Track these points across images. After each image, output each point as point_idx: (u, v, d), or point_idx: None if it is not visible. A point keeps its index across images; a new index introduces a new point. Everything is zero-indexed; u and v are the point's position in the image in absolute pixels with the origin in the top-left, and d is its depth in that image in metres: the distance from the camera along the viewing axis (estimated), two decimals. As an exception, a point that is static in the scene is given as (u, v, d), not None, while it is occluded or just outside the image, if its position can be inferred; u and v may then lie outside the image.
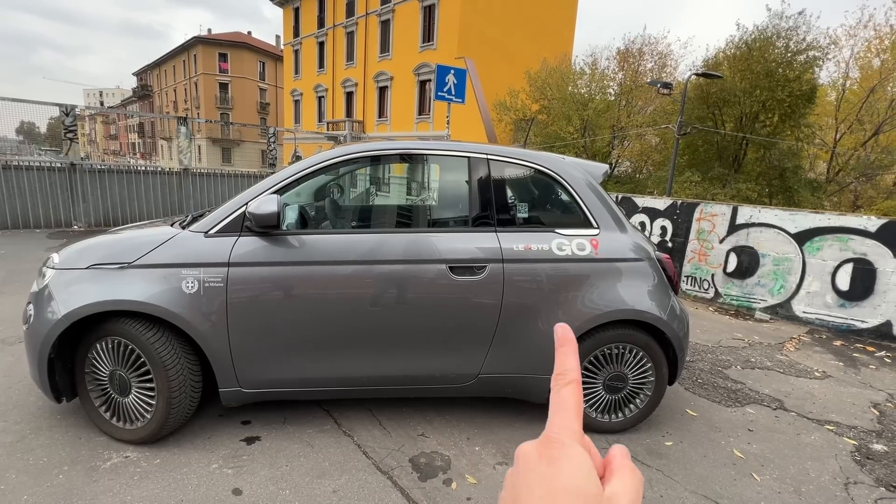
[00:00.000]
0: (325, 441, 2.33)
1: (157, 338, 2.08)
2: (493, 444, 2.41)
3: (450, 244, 2.30)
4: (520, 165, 2.48)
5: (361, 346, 2.28)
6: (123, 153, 58.56)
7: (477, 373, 2.40)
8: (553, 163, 2.49)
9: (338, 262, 2.21)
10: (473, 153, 2.43)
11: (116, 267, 2.11)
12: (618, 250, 2.45)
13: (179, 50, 41.59)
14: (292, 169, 2.29)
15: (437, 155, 2.48)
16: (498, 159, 2.44)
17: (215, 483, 1.97)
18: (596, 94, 18.55)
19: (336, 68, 27.30)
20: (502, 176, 2.45)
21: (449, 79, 8.18)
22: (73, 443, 2.17)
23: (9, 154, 11.55)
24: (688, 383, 3.29)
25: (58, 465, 2.02)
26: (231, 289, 2.12)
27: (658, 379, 2.52)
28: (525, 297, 2.34)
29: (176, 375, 2.10)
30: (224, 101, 39.89)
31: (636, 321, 2.44)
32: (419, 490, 2.03)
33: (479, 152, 2.43)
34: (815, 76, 16.58)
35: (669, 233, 5.93)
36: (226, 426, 2.39)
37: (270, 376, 2.25)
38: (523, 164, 2.48)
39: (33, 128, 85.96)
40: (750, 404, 3.04)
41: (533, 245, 2.36)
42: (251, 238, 2.18)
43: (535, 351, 2.39)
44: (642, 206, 6.20)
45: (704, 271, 5.64)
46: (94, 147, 71.74)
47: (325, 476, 2.07)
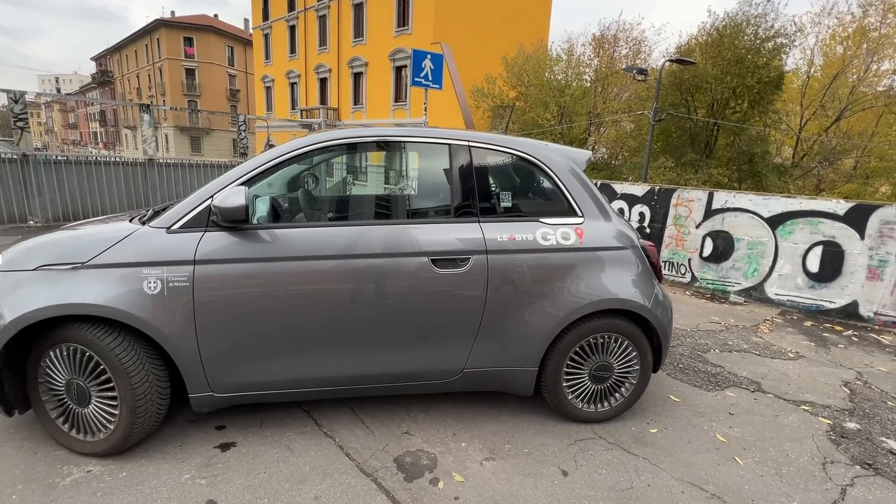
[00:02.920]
0: (305, 444, 2.23)
1: (117, 343, 1.93)
2: (479, 439, 2.36)
3: (431, 236, 2.21)
4: (502, 152, 2.40)
5: (341, 344, 2.17)
6: (84, 143, 55.65)
7: (462, 368, 2.34)
8: (536, 150, 2.41)
9: (313, 256, 2.09)
10: (454, 140, 2.32)
11: (68, 267, 1.93)
12: (602, 239, 2.40)
13: (141, 34, 39.51)
14: (261, 158, 2.14)
15: (415, 142, 2.37)
16: (479, 146, 2.35)
17: (188, 495, 1.85)
18: (572, 80, 18.58)
19: (308, 53, 26.46)
20: (484, 164, 2.36)
21: (426, 64, 7.98)
22: (28, 459, 2.01)
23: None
24: (669, 369, 3.32)
25: (11, 485, 1.86)
26: (198, 288, 1.98)
27: (643, 367, 2.52)
28: (510, 289, 2.28)
29: (140, 382, 1.95)
30: (191, 88, 38.27)
31: (621, 310, 2.41)
32: (405, 491, 1.96)
33: (459, 139, 2.33)
34: (783, 63, 17.01)
35: (647, 219, 5.98)
36: (198, 432, 2.27)
37: (245, 379, 2.13)
38: (506, 151, 2.39)
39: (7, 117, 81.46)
40: (730, 387, 3.09)
41: (517, 235, 2.29)
42: (219, 233, 2.03)
43: (520, 343, 2.34)
44: (621, 192, 6.23)
45: (681, 256, 5.73)
46: (52, 137, 67.98)
47: (305, 482, 1.98)
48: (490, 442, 2.34)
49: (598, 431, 2.48)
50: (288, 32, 27.47)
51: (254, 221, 2.18)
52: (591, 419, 2.54)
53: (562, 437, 2.41)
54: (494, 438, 2.37)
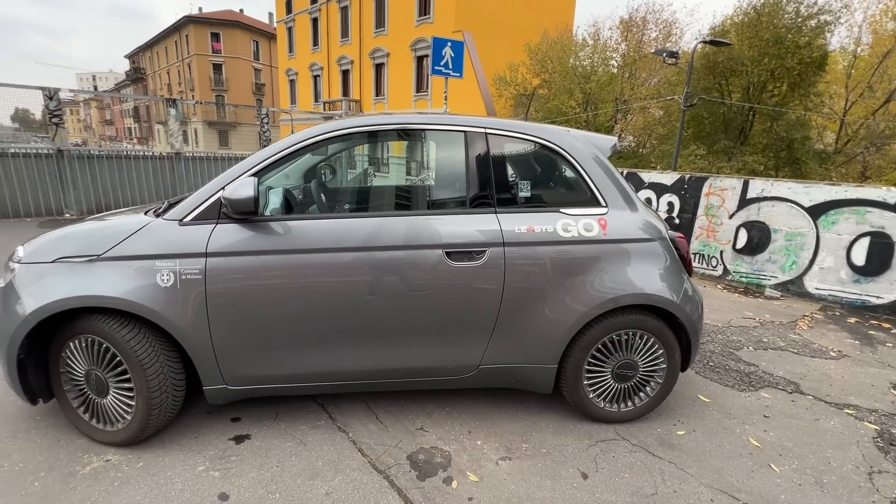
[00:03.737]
0: (318, 438, 2.21)
1: (132, 335, 1.94)
2: (495, 437, 2.29)
3: (445, 228, 2.12)
4: (521, 140, 2.28)
5: (354, 338, 2.13)
6: (120, 138, 57.85)
7: (478, 363, 2.26)
8: (557, 136, 2.29)
9: (325, 249, 2.04)
10: (470, 127, 2.22)
11: (84, 260, 1.95)
12: (628, 230, 2.27)
13: (171, 30, 40.52)
14: (273, 149, 2.09)
15: (430, 129, 2.28)
16: (497, 133, 2.24)
17: (201, 487, 1.86)
18: (598, 66, 17.99)
19: (331, 45, 26.55)
20: (502, 151, 2.25)
21: (446, 52, 7.83)
22: (51, 446, 2.06)
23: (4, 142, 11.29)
24: (699, 367, 3.16)
25: (34, 472, 1.90)
26: (210, 281, 1.96)
27: (670, 366, 2.38)
28: (528, 283, 2.18)
29: (155, 375, 1.96)
30: (219, 83, 39.10)
31: (647, 306, 2.28)
32: (417, 490, 1.91)
33: (476, 126, 2.23)
34: (826, 42, 15.99)
35: (677, 209, 5.72)
36: (214, 424, 2.27)
37: (258, 372, 2.11)
38: (524, 139, 2.28)
39: (28, 114, 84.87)
40: (764, 388, 2.90)
41: (536, 226, 2.17)
42: (230, 225, 2.00)
43: (538, 339, 2.24)
44: (648, 181, 5.97)
45: (713, 248, 5.46)
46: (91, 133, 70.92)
47: (317, 477, 1.95)
48: (507, 441, 2.27)
49: (621, 432, 2.37)
50: (311, 25, 27.61)
51: (266, 213, 2.15)
52: (613, 419, 2.43)
53: (582, 437, 2.31)
54: (511, 437, 2.29)
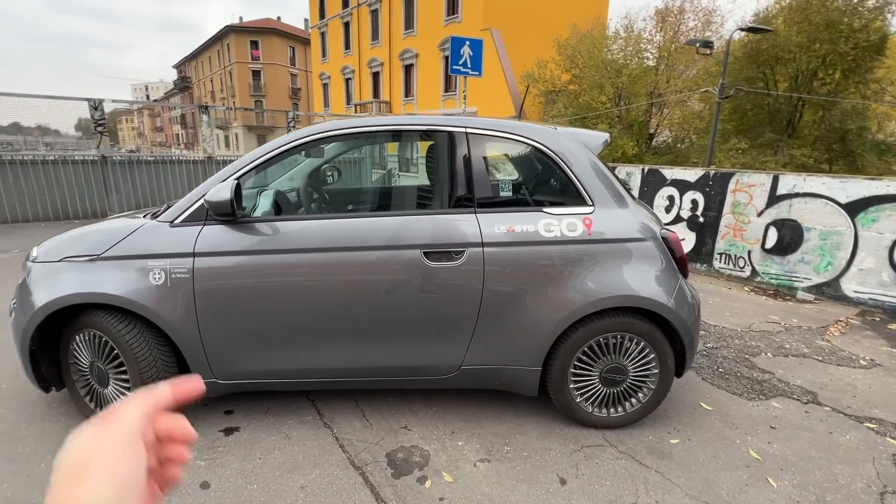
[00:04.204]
0: (303, 433, 2.27)
1: (127, 330, 2.06)
2: (478, 438, 2.27)
3: (424, 228, 2.13)
4: (503, 139, 2.25)
5: (334, 336, 2.17)
6: (169, 144, 61.41)
7: (459, 364, 2.25)
8: (540, 134, 2.24)
9: (305, 249, 2.10)
10: (451, 127, 2.22)
11: (86, 259, 2.09)
12: (615, 229, 2.19)
13: (213, 40, 42.59)
14: (255, 153, 2.17)
15: (411, 131, 2.29)
16: (478, 133, 2.22)
17: (186, 476, 1.95)
18: (631, 59, 17.38)
19: (362, 49, 27.07)
20: (483, 151, 2.23)
21: (464, 51, 7.81)
22: (61, 432, 2.22)
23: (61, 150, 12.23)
24: (706, 373, 3.00)
25: (42, 455, 2.07)
26: (197, 279, 2.06)
27: (663, 371, 2.28)
28: (508, 284, 2.15)
29: (147, 368, 2.08)
30: (257, 89, 40.71)
31: (636, 308, 2.19)
32: (390, 488, 1.93)
33: (456, 126, 2.22)
34: (887, 24, 14.72)
35: (701, 206, 5.45)
36: (208, 416, 2.39)
37: (245, 367, 2.20)
38: (507, 138, 2.24)
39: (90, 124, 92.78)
40: (777, 397, 2.73)
41: (517, 227, 2.14)
42: (216, 227, 2.10)
43: (520, 341, 2.21)
44: (671, 178, 5.72)
45: (740, 248, 5.16)
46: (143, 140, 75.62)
47: (296, 470, 2.01)
48: (489, 442, 2.25)
49: (609, 438, 2.29)
50: (342, 29, 28.26)
51: (257, 214, 2.23)
52: (602, 424, 2.36)
53: (567, 442, 2.26)
54: (494, 439, 2.27)
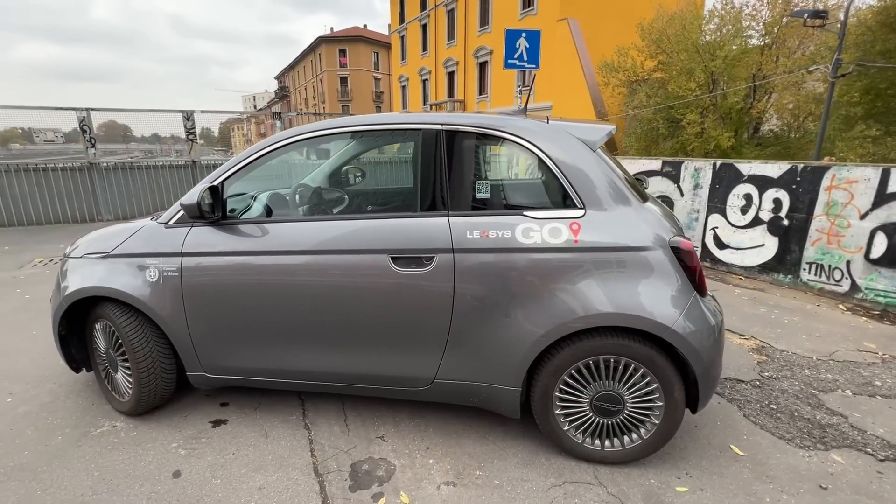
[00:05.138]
0: (281, 432, 2.30)
1: (128, 322, 2.25)
2: (451, 458, 2.12)
3: (392, 232, 2.02)
4: (482, 135, 2.05)
5: (305, 339, 2.16)
6: (271, 148, 67.88)
7: (432, 377, 2.11)
8: (524, 129, 2.01)
9: (276, 251, 2.11)
10: (426, 124, 2.07)
11: (99, 256, 2.32)
12: (609, 236, 1.89)
13: (308, 51, 46.22)
14: (235, 160, 2.23)
15: (384, 130, 2.19)
16: (455, 129, 2.05)
17: (164, 462, 2.07)
18: (728, 39, 15.40)
19: (438, 49, 27.47)
20: (460, 149, 2.06)
21: (520, 44, 7.48)
22: (85, 409, 2.50)
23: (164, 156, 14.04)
24: (752, 408, 2.51)
25: (62, 428, 2.33)
26: (184, 277, 2.17)
27: (668, 404, 1.93)
28: (481, 294, 1.96)
29: (143, 358, 2.25)
30: (345, 94, 43.38)
31: (633, 329, 1.87)
32: (343, 500, 1.86)
33: (432, 123, 2.07)
34: None
35: (785, 207, 4.61)
36: (203, 406, 2.52)
37: (228, 363, 2.28)
38: (486, 134, 2.04)
39: (210, 133, 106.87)
40: (841, 448, 2.18)
41: (491, 232, 1.94)
42: (203, 228, 2.19)
43: (495, 357, 2.01)
44: (748, 174, 4.92)
45: (836, 257, 4.28)
46: (251, 145, 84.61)
47: (260, 470, 2.03)
48: (462, 464, 2.08)
49: (600, 476, 2.00)
50: (420, 31, 28.90)
51: (248, 216, 2.30)
52: (596, 459, 2.06)
53: (549, 474, 2.01)
54: (469, 461, 2.10)
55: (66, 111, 7.92)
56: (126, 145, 12.96)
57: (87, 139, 7.95)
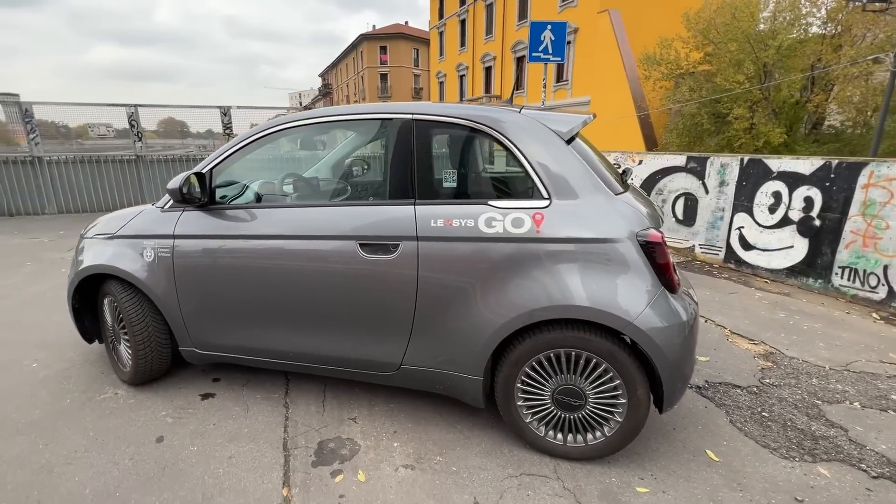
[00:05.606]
0: (262, 408, 2.42)
1: (128, 298, 2.43)
2: (416, 443, 2.16)
3: (361, 219, 2.07)
4: (452, 125, 2.06)
5: (281, 321, 2.26)
6: (314, 144, 70.11)
7: (398, 363, 2.15)
8: (493, 119, 2.00)
9: (255, 236, 2.21)
10: (400, 114, 2.11)
11: (106, 237, 2.52)
12: (574, 227, 1.85)
13: (350, 49, 47.26)
14: (220, 150, 2.35)
15: (358, 120, 2.24)
16: (426, 119, 2.07)
17: (151, 428, 2.24)
18: (784, 28, 14.34)
19: (476, 44, 27.33)
20: (429, 139, 2.08)
21: (545, 36, 7.34)
22: (94, 377, 2.73)
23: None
24: (741, 414, 2.38)
25: (72, 392, 2.56)
26: (175, 258, 2.33)
27: (632, 402, 1.87)
28: (444, 283, 1.98)
29: (140, 331, 2.43)
30: (384, 91, 44.05)
31: (594, 323, 1.83)
32: (302, 474, 1.94)
33: (405, 112, 2.10)
34: None
35: (817, 206, 4.29)
36: (197, 380, 2.69)
37: (214, 340, 2.42)
38: (456, 123, 2.05)
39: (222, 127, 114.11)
40: (832, 462, 2.03)
41: (455, 221, 1.95)
42: (192, 213, 2.34)
43: (459, 346, 2.02)
44: (778, 169, 4.60)
45: (872, 261, 3.94)
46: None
47: (234, 441, 2.15)
48: (424, 449, 2.11)
49: (560, 471, 1.97)
50: (459, 27, 28.86)
51: (238, 202, 2.43)
52: (559, 453, 2.03)
53: (508, 465, 2.00)
54: (432, 447, 2.13)
55: (118, 107, 8.56)
56: (182, 140, 13.84)
57: (134, 133, 8.56)
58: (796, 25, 14.52)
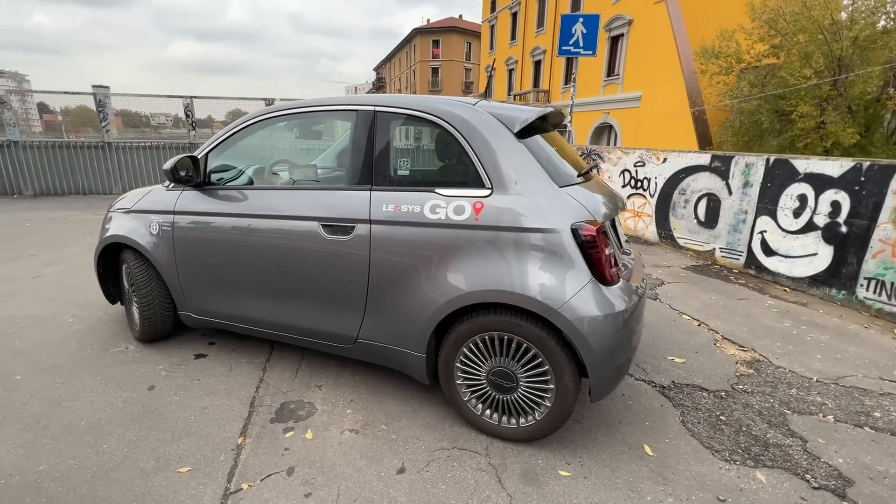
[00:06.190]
0: (242, 370, 2.69)
1: (138, 265, 2.79)
2: (367, 412, 2.33)
3: (324, 202, 2.26)
4: (409, 117, 2.19)
5: (259, 292, 2.50)
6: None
7: (355, 337, 2.33)
8: (445, 110, 2.10)
9: (235, 214, 2.46)
10: (363, 106, 2.27)
11: (124, 211, 2.89)
12: (509, 217, 1.94)
13: (403, 43, 48.00)
14: (214, 138, 2.62)
15: (328, 111, 2.41)
16: (386, 110, 2.21)
17: (147, 378, 2.57)
18: (865, 16, 12.97)
19: (527, 37, 26.87)
20: (388, 129, 2.22)
21: (576, 29, 7.20)
22: (115, 332, 3.14)
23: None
24: (696, 415, 2.34)
25: (92, 344, 2.97)
26: (175, 231, 2.64)
27: (559, 388, 1.94)
28: (391, 264, 2.13)
29: (145, 294, 2.78)
30: (435, 85, 44.40)
31: (523, 309, 1.91)
32: (259, 428, 2.18)
33: (368, 104, 2.26)
34: None
35: (845, 212, 3.98)
36: (195, 341, 3.02)
37: (204, 307, 2.72)
38: (413, 115, 2.17)
39: None
40: (774, 469, 1.98)
41: (404, 206, 2.09)
42: (190, 192, 2.63)
43: (405, 323, 2.16)
44: (804, 171, 4.30)
45: (900, 273, 3.62)
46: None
47: (211, 395, 2.43)
48: (373, 418, 2.28)
49: (491, 449, 2.07)
50: (510, 20, 28.47)
51: (234, 184, 2.70)
52: (493, 432, 2.13)
53: (444, 438, 2.13)
54: (381, 416, 2.29)
55: (175, 98, 9.38)
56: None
57: (189, 123, 9.35)
58: (878, 13, 13.09)
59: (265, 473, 1.89)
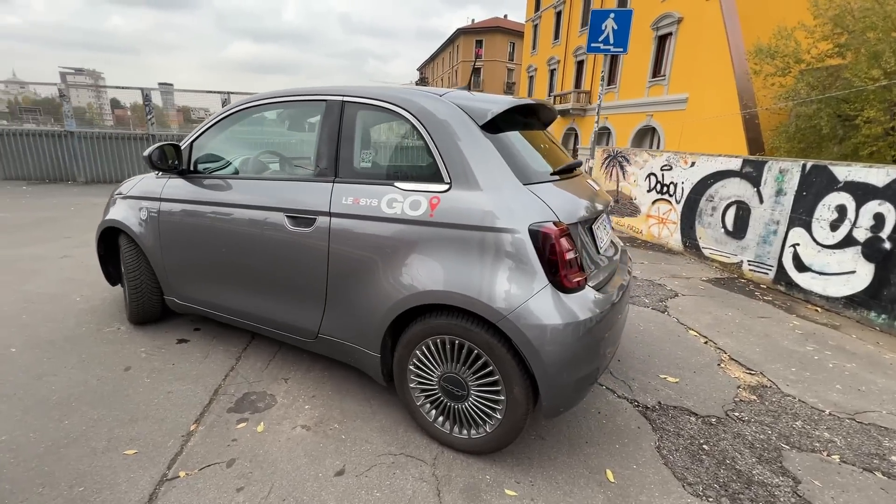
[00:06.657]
0: (217, 358, 2.72)
1: (129, 249, 2.88)
2: (325, 409, 2.28)
3: (290, 193, 2.23)
4: (374, 107, 2.11)
5: (232, 281, 2.51)
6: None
7: (316, 332, 2.29)
8: (409, 103, 2.01)
9: (213, 202, 2.49)
10: (331, 96, 2.22)
11: (122, 197, 3.00)
12: (466, 214, 1.82)
13: (447, 43, 48.13)
14: (198, 128, 2.66)
15: (298, 101, 2.37)
16: (353, 101, 2.15)
17: (126, 359, 2.65)
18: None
19: (570, 37, 26.20)
20: (353, 120, 2.15)
21: (607, 25, 6.87)
22: (111, 313, 3.28)
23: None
24: (676, 442, 2.13)
25: (88, 323, 3.11)
26: (161, 217, 2.71)
27: (509, 400, 1.80)
28: (348, 258, 2.07)
29: (135, 277, 2.87)
30: (476, 85, 44.23)
31: (472, 312, 1.79)
32: (214, 416, 2.18)
33: (336, 95, 2.20)
34: None
35: (889, 226, 3.54)
36: (182, 328, 3.09)
37: (184, 292, 2.77)
38: (379, 106, 2.10)
39: None
40: (752, 510, 1.75)
41: (362, 199, 2.03)
42: (175, 180, 2.69)
43: (360, 321, 2.10)
44: (845, 179, 3.87)
45: (951, 298, 3.17)
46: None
47: (180, 380, 2.47)
48: (329, 416, 2.23)
49: (440, 458, 1.96)
50: (554, 19, 27.84)
51: (202, 171, 2.74)
52: (444, 441, 2.03)
53: (393, 443, 2.04)
54: (337, 415, 2.24)
55: (214, 94, 9.82)
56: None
57: (225, 117, 9.75)
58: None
59: (206, 463, 1.88)
